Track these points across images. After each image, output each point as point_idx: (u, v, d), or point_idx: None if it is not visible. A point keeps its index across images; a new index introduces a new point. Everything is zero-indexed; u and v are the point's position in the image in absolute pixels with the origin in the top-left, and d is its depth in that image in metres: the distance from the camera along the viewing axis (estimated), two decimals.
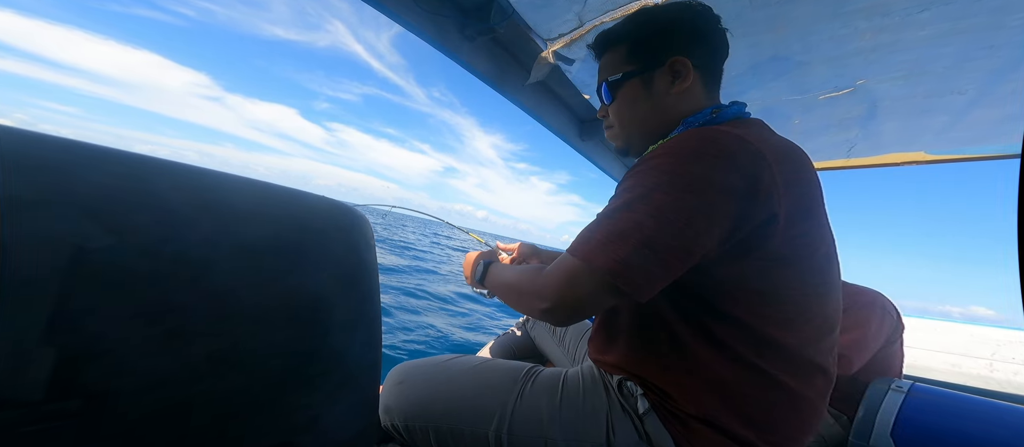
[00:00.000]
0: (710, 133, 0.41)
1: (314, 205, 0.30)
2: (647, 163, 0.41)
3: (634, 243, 0.37)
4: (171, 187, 0.22)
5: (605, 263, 0.38)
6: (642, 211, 0.38)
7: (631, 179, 0.42)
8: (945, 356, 1.77)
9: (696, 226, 0.37)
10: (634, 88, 0.52)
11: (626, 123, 0.54)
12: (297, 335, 0.26)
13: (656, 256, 0.37)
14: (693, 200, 0.37)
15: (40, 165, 0.18)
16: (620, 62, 0.53)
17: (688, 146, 0.40)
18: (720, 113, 0.49)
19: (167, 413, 0.20)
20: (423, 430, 0.52)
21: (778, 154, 0.40)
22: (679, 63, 0.50)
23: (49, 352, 0.17)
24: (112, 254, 0.19)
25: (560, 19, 0.76)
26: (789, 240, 0.39)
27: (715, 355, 0.42)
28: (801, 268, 0.41)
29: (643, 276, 0.37)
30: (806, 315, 0.42)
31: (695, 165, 0.38)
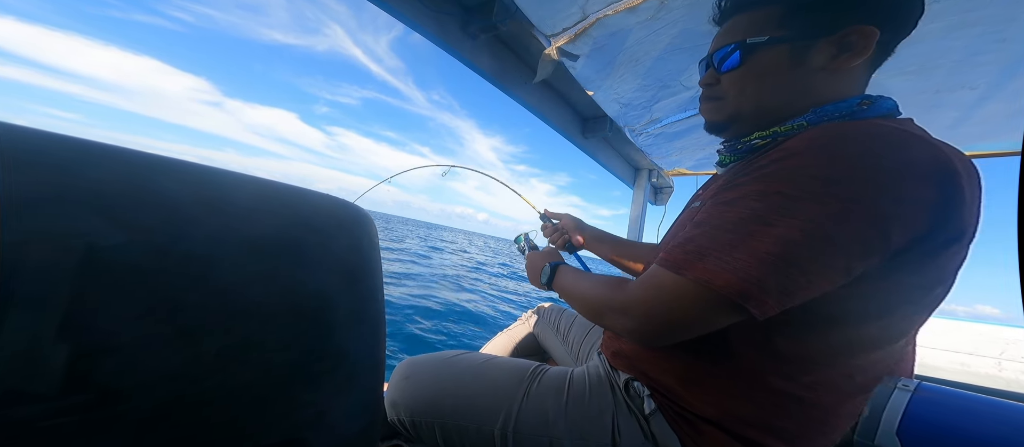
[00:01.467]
0: (875, 127, 0.32)
1: (318, 202, 0.30)
2: (785, 162, 0.33)
3: (776, 263, 0.31)
4: (178, 185, 0.23)
5: (733, 286, 0.32)
6: (787, 224, 0.31)
7: (758, 182, 0.34)
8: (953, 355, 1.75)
9: (863, 243, 0.30)
10: (777, 57, 0.41)
11: (746, 97, 0.43)
12: (302, 332, 0.26)
13: (804, 277, 0.31)
14: (858, 212, 0.30)
15: (52, 163, 0.19)
16: (766, 24, 0.41)
17: (852, 144, 0.31)
18: (871, 106, 0.39)
19: (177, 409, 0.21)
20: (429, 426, 0.52)
21: (967, 166, 0.32)
22: (859, 33, 0.38)
23: (63, 348, 0.18)
24: (123, 251, 0.19)
25: (564, 13, 0.76)
26: (950, 266, 0.33)
27: (768, 368, 0.38)
28: (930, 294, 0.34)
29: (780, 299, 0.31)
30: (886, 343, 0.37)
31: (862, 167, 0.30)
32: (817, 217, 0.30)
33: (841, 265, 0.31)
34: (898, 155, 0.31)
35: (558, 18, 0.77)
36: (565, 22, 0.78)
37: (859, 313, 0.34)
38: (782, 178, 0.33)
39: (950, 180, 0.31)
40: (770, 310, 0.32)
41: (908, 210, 0.30)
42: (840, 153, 0.32)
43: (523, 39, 0.93)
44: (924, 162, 0.31)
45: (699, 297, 0.34)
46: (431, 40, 0.83)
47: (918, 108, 1.00)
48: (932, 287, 0.34)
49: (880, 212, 0.30)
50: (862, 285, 0.32)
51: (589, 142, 1.39)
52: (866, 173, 0.30)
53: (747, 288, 0.31)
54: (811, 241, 0.30)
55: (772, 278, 0.31)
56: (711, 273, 0.33)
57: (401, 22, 0.78)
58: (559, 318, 0.85)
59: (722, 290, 0.32)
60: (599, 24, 0.75)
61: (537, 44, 0.93)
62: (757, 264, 0.31)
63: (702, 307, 0.34)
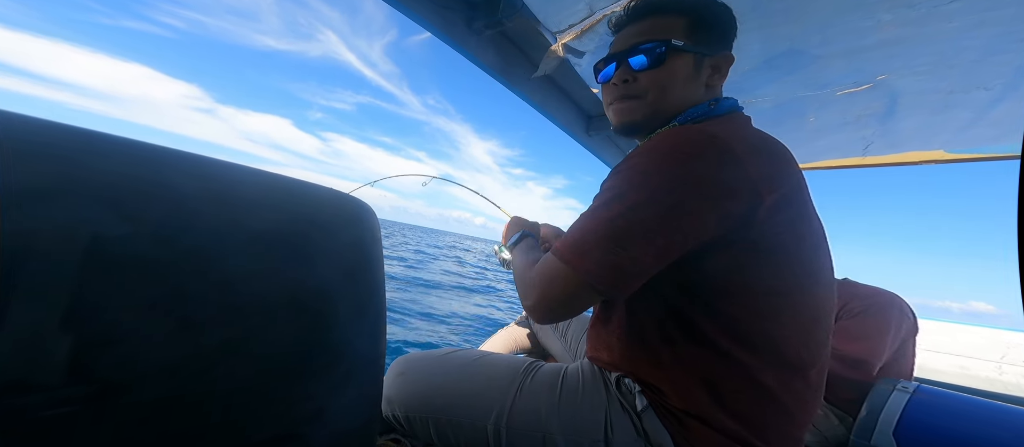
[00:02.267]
0: (685, 133, 0.41)
1: (321, 197, 0.30)
2: (627, 162, 0.42)
3: (608, 242, 0.38)
4: (183, 177, 0.22)
5: (581, 263, 0.39)
6: (616, 210, 0.39)
7: (612, 178, 0.42)
8: (953, 358, 1.74)
9: (669, 224, 0.38)
10: (686, 64, 0.48)
11: (659, 96, 0.49)
12: (303, 326, 0.26)
13: (628, 255, 0.38)
14: (666, 198, 0.38)
15: (59, 154, 0.19)
16: (678, 31, 0.49)
17: (665, 146, 0.40)
18: (717, 106, 0.49)
19: (177, 401, 0.21)
20: (423, 421, 0.53)
21: (752, 149, 0.40)
22: (726, 60, 0.50)
23: (66, 339, 0.18)
24: (128, 243, 0.19)
25: (570, 9, 0.75)
26: (768, 232, 0.40)
27: (703, 350, 0.42)
28: (784, 259, 0.41)
29: (616, 275, 0.39)
30: (794, 308, 0.42)
31: (669, 164, 0.39)
32: (636, 203, 0.39)
33: (659, 243, 0.38)
34: (687, 148, 0.39)
35: (564, 14, 0.76)
36: (571, 18, 0.77)
37: (735, 284, 0.41)
38: (623, 172, 0.41)
39: (727, 158, 0.38)
40: (610, 284, 0.39)
41: (705, 187, 0.38)
42: (655, 150, 0.40)
43: (529, 35, 0.92)
44: (708, 150, 0.39)
45: (565, 275, 0.41)
46: (437, 36, 0.82)
47: (929, 109, 0.98)
48: (772, 253, 0.40)
49: (682, 191, 0.38)
50: (715, 259, 0.40)
51: (593, 140, 1.38)
52: (668, 166, 0.39)
53: (590, 266, 0.39)
54: (631, 224, 0.38)
55: (608, 257, 0.38)
56: (570, 253, 0.40)
57: (408, 18, 0.77)
58: None
59: (574, 266, 0.40)
60: (606, 21, 0.74)
61: (543, 41, 0.92)
62: (597, 244, 0.39)
63: (566, 283, 0.41)
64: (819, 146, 1.25)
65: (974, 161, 1.20)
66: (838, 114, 1.07)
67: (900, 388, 0.75)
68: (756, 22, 0.76)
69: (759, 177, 0.39)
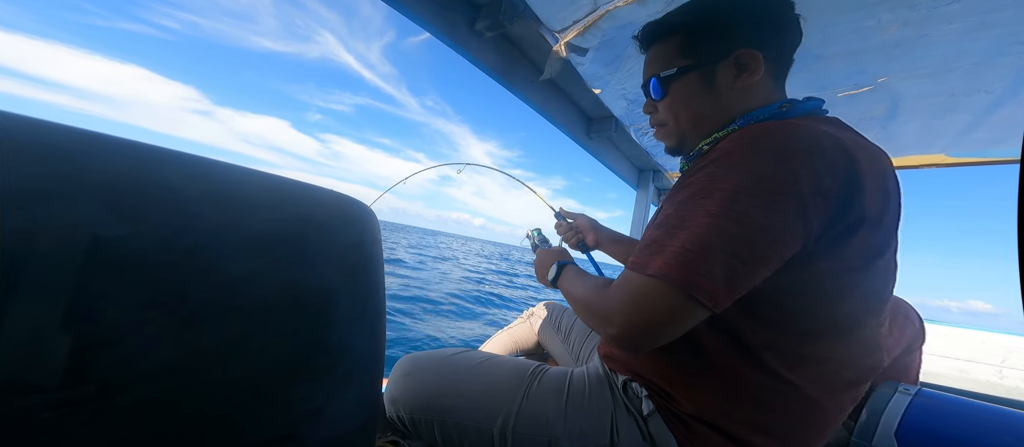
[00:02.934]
0: (795, 127, 0.37)
1: (321, 198, 0.30)
2: (720, 161, 0.37)
3: (719, 253, 0.33)
4: (183, 177, 0.22)
5: (684, 277, 0.34)
6: (725, 216, 0.34)
7: (701, 181, 0.37)
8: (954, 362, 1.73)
9: (790, 231, 0.33)
10: (692, 83, 0.47)
11: (681, 121, 0.49)
12: (302, 327, 0.26)
13: (744, 266, 0.33)
14: (785, 202, 0.33)
15: (59, 154, 0.19)
16: (674, 55, 0.48)
17: (771, 141, 0.36)
18: (792, 108, 0.45)
19: (176, 401, 0.21)
20: (428, 423, 0.53)
21: (870, 154, 0.37)
22: (747, 56, 0.45)
23: (65, 339, 0.18)
24: (128, 243, 0.19)
25: (573, 6, 0.75)
26: (865, 249, 0.36)
27: (739, 361, 0.40)
28: (866, 277, 0.38)
29: (727, 288, 0.34)
30: (855, 328, 0.39)
31: (782, 162, 0.34)
32: (749, 207, 0.34)
33: (779, 252, 0.34)
34: (807, 146, 0.35)
35: (567, 12, 0.76)
36: (574, 15, 0.77)
37: (806, 299, 0.37)
38: (718, 173, 0.37)
39: (850, 167, 0.35)
40: (720, 298, 0.34)
41: (819, 195, 0.34)
42: (758, 146, 0.36)
43: (530, 38, 0.92)
44: (829, 152, 0.35)
45: (663, 293, 0.35)
46: (439, 38, 0.82)
47: (931, 112, 0.98)
48: (854, 270, 0.37)
49: (803, 197, 0.34)
50: (793, 272, 0.36)
51: (593, 142, 1.38)
52: (785, 164, 0.34)
53: (698, 280, 0.34)
54: (748, 231, 0.34)
55: (719, 269, 0.34)
56: (667, 266, 0.35)
57: (410, 20, 0.78)
58: (561, 318, 0.84)
59: (677, 282, 0.34)
60: (609, 16, 0.74)
61: (544, 42, 0.92)
62: (704, 255, 0.34)
63: (667, 303, 0.35)
64: None
65: (975, 165, 1.20)
66: (839, 116, 1.07)
67: (901, 391, 0.75)
68: None
69: (875, 188, 0.35)
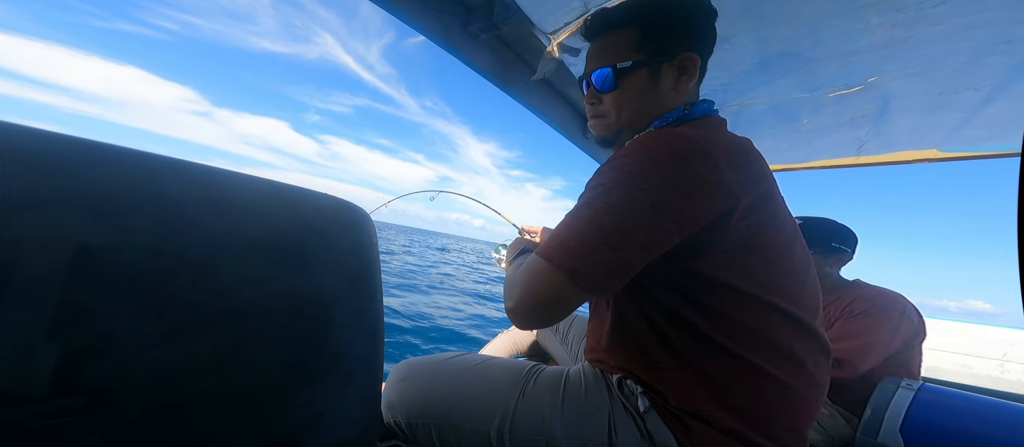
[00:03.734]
0: (663, 135, 0.42)
1: (318, 203, 0.30)
2: (611, 162, 0.42)
3: (591, 240, 0.38)
4: (175, 184, 0.22)
5: (564, 261, 0.39)
6: (599, 209, 0.39)
7: (596, 178, 0.43)
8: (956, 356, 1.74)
9: (649, 223, 0.38)
10: (641, 79, 0.50)
11: (623, 114, 0.52)
12: (300, 333, 0.26)
13: (612, 252, 0.38)
14: (646, 198, 0.39)
15: (46, 163, 0.18)
16: (628, 48, 0.50)
17: (645, 147, 0.41)
18: (691, 110, 0.50)
19: (170, 410, 0.21)
20: (425, 427, 0.52)
21: (725, 151, 0.41)
22: (689, 60, 0.49)
23: (54, 349, 0.17)
24: (116, 251, 0.19)
25: (565, 8, 0.75)
26: (744, 230, 0.41)
27: (698, 348, 0.42)
28: (762, 257, 0.42)
29: (601, 272, 0.38)
30: (782, 303, 0.42)
31: (649, 165, 0.40)
32: (618, 202, 0.39)
33: (640, 241, 0.38)
34: (666, 150, 0.40)
35: (559, 13, 0.77)
36: (566, 17, 0.78)
37: (720, 282, 0.41)
38: (607, 172, 0.42)
39: (705, 162, 0.39)
40: (596, 282, 0.38)
41: (684, 188, 0.39)
42: (637, 151, 0.41)
43: (524, 39, 0.93)
44: (684, 151, 0.40)
45: (551, 275, 0.40)
46: (433, 41, 0.83)
47: (921, 110, 0.99)
48: (751, 251, 0.41)
49: (663, 191, 0.39)
50: (705, 258, 0.41)
51: (589, 142, 1.38)
52: (648, 166, 0.39)
53: (574, 264, 0.39)
54: (615, 222, 0.38)
55: (592, 255, 0.38)
56: (552, 252, 0.40)
57: (404, 23, 0.78)
58: None
59: (559, 266, 0.39)
60: None
61: (537, 43, 0.92)
62: (580, 243, 0.39)
63: (553, 284, 0.40)
64: (814, 147, 1.27)
65: (968, 159, 1.21)
66: (831, 115, 1.08)
67: (904, 387, 0.75)
68: (749, 24, 0.77)
69: (734, 179, 0.40)
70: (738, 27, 0.80)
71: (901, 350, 0.89)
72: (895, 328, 0.88)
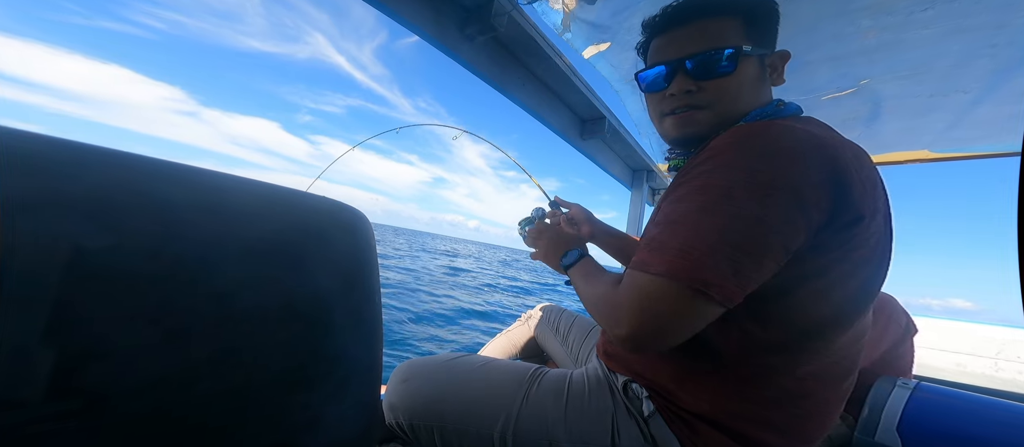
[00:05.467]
0: (781, 126, 0.37)
1: (315, 205, 0.30)
2: (714, 159, 0.37)
3: (723, 247, 0.33)
4: (170, 187, 0.22)
5: (691, 273, 0.33)
6: (723, 212, 0.34)
7: (698, 178, 0.37)
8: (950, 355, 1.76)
9: (788, 222, 0.34)
10: (754, 67, 0.45)
11: (729, 106, 0.45)
12: (298, 335, 0.26)
13: (749, 259, 0.33)
14: (779, 196, 0.33)
15: (39, 165, 0.18)
16: (737, 36, 0.44)
17: (760, 139, 0.36)
18: (784, 107, 0.46)
19: (167, 414, 0.20)
20: (428, 429, 0.52)
21: (853, 152, 0.37)
22: (783, 57, 0.47)
23: (49, 353, 0.17)
24: (111, 255, 0.19)
25: None
26: (864, 241, 0.37)
27: (748, 357, 0.40)
28: (857, 274, 0.38)
29: (737, 283, 0.33)
30: (851, 317, 0.40)
31: (772, 158, 0.34)
32: (747, 203, 0.34)
33: (783, 244, 0.34)
34: (793, 144, 0.35)
35: None
36: None
37: (810, 292, 0.37)
38: (714, 170, 0.37)
39: (835, 163, 0.35)
40: (731, 294, 0.34)
41: (817, 190, 0.34)
42: (750, 145, 0.36)
43: (521, 40, 0.93)
44: (813, 150, 0.35)
45: (670, 291, 0.35)
46: (432, 44, 0.83)
47: (912, 112, 1.01)
48: (855, 263, 0.38)
49: (798, 192, 0.34)
50: (799, 267, 0.36)
51: (587, 144, 1.39)
52: (780, 161, 0.35)
53: (705, 275, 0.33)
54: (748, 226, 0.34)
55: (724, 263, 0.33)
56: (672, 264, 0.35)
57: (401, 25, 0.78)
58: (558, 319, 0.84)
59: (685, 279, 0.34)
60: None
61: (535, 45, 0.93)
62: (709, 252, 0.34)
63: (676, 301, 0.35)
64: None
65: (959, 159, 1.23)
66: (824, 118, 1.09)
67: (901, 385, 0.76)
68: None
69: (863, 181, 0.36)
70: None
71: (890, 348, 0.90)
72: (883, 329, 0.89)
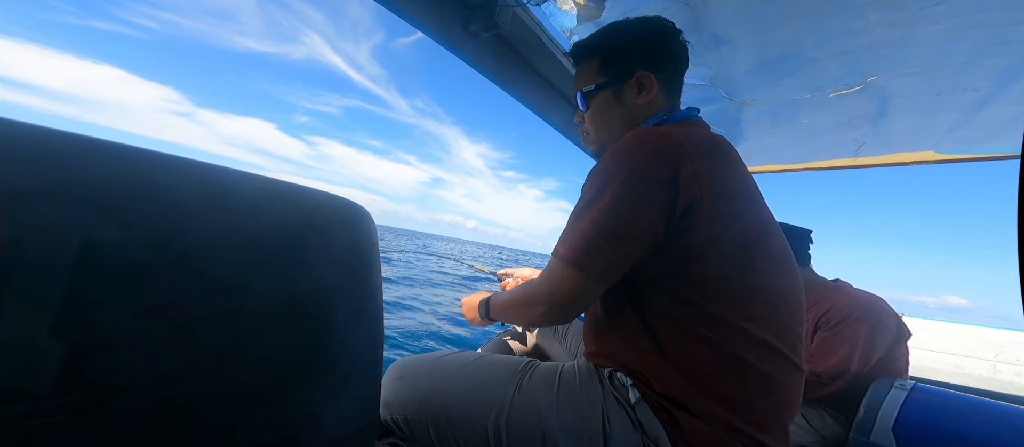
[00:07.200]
0: (641, 132, 0.46)
1: (318, 200, 0.30)
2: (599, 164, 0.47)
3: (594, 235, 0.43)
4: (177, 181, 0.22)
5: (576, 257, 0.44)
6: (597, 206, 0.44)
7: (589, 180, 0.47)
8: (948, 357, 1.76)
9: (638, 214, 0.43)
10: (606, 98, 0.58)
11: (599, 129, 0.61)
12: (300, 331, 0.26)
13: (611, 244, 0.43)
14: (632, 191, 0.43)
15: (48, 159, 0.18)
16: (593, 73, 0.59)
17: (626, 145, 0.46)
18: (670, 116, 0.55)
19: (171, 407, 0.21)
20: (422, 424, 0.53)
21: (698, 145, 0.45)
22: (644, 77, 0.56)
23: (57, 345, 0.17)
24: (120, 248, 0.19)
25: None
26: (710, 221, 0.43)
27: (679, 335, 0.45)
28: (730, 247, 0.45)
29: (605, 263, 0.43)
30: (752, 294, 0.45)
31: (630, 160, 0.44)
32: (611, 197, 0.43)
33: (635, 231, 0.43)
34: (643, 144, 0.45)
35: None
36: None
37: (692, 271, 0.44)
38: (597, 173, 0.47)
39: (674, 154, 0.43)
40: (603, 272, 0.44)
41: (664, 181, 0.43)
42: (619, 150, 0.46)
43: (525, 37, 0.93)
44: (658, 146, 0.44)
45: (565, 271, 0.45)
46: (435, 40, 0.83)
47: (919, 110, 0.99)
48: (718, 241, 0.44)
49: (647, 183, 0.43)
50: (675, 246, 0.44)
51: None
52: (634, 160, 0.44)
53: (580, 257, 0.44)
54: (611, 216, 0.43)
55: (594, 247, 0.43)
56: (568, 251, 0.45)
57: (406, 22, 0.77)
58: None
59: (573, 262, 0.44)
60: None
61: (538, 42, 0.92)
62: (585, 239, 0.44)
63: (569, 279, 0.45)
64: (813, 147, 1.27)
65: (965, 162, 1.22)
66: (831, 116, 1.09)
67: (897, 386, 0.76)
68: (750, 26, 0.77)
69: (703, 171, 0.43)
70: (739, 30, 0.80)
71: (882, 354, 0.90)
72: (870, 339, 0.89)
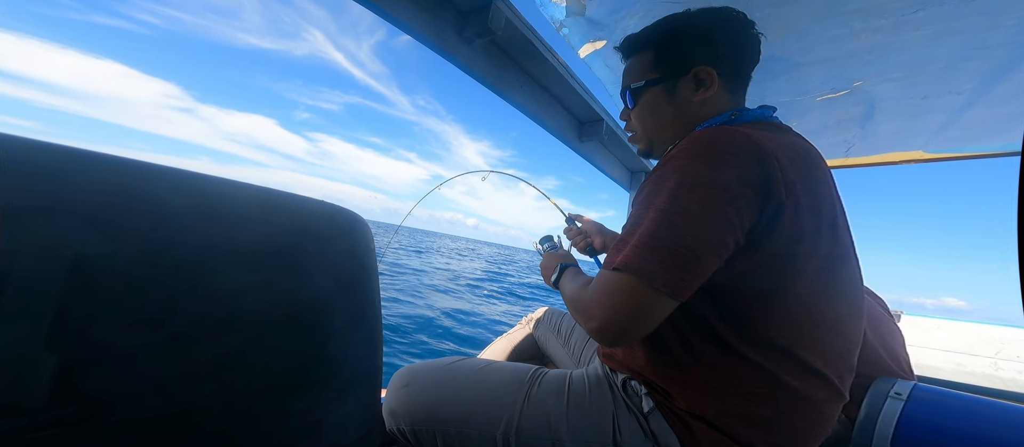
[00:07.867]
0: (718, 132, 0.41)
1: (314, 209, 0.30)
2: (667, 165, 0.41)
3: (668, 243, 0.37)
4: (170, 192, 0.22)
5: (642, 267, 0.37)
6: (670, 211, 0.38)
7: (654, 182, 0.41)
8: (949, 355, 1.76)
9: (724, 219, 0.37)
10: (657, 95, 0.53)
11: (648, 128, 0.56)
12: (298, 339, 0.26)
13: (692, 253, 0.37)
14: (716, 196, 0.37)
15: (39, 172, 0.18)
16: (644, 68, 0.54)
17: (702, 145, 0.40)
18: (740, 116, 0.49)
19: (168, 419, 0.20)
20: (430, 434, 0.52)
21: (789, 152, 0.40)
22: (703, 72, 0.50)
23: (50, 359, 0.17)
24: (112, 260, 0.19)
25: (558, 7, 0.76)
26: (794, 237, 0.39)
27: (718, 353, 0.41)
28: (807, 267, 0.40)
29: (682, 276, 0.37)
30: (812, 317, 0.41)
31: (711, 162, 0.38)
32: (689, 203, 0.38)
33: (721, 240, 0.37)
34: (727, 147, 0.39)
35: None
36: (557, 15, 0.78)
37: (756, 288, 0.40)
38: (666, 175, 0.41)
39: (763, 161, 0.38)
40: (676, 286, 0.37)
41: (747, 186, 0.38)
42: (694, 150, 0.40)
43: (519, 43, 0.94)
44: (744, 150, 0.39)
45: (626, 284, 0.38)
46: (427, 45, 0.83)
47: (906, 113, 1.02)
48: (796, 259, 0.40)
49: (729, 189, 0.37)
50: (744, 260, 0.39)
51: (585, 146, 1.39)
52: (714, 163, 0.38)
53: (653, 268, 0.37)
54: (689, 223, 0.37)
55: (669, 258, 0.37)
56: (627, 259, 0.39)
57: (399, 29, 0.78)
58: (560, 322, 0.84)
59: (636, 272, 0.37)
60: None
61: (533, 48, 0.94)
62: (656, 247, 0.37)
63: (631, 293, 0.38)
64: None
65: (953, 160, 1.24)
66: (819, 119, 1.11)
67: (897, 388, 0.76)
68: None
69: (792, 180, 0.39)
70: None
71: (880, 354, 0.91)
72: (868, 339, 0.89)
